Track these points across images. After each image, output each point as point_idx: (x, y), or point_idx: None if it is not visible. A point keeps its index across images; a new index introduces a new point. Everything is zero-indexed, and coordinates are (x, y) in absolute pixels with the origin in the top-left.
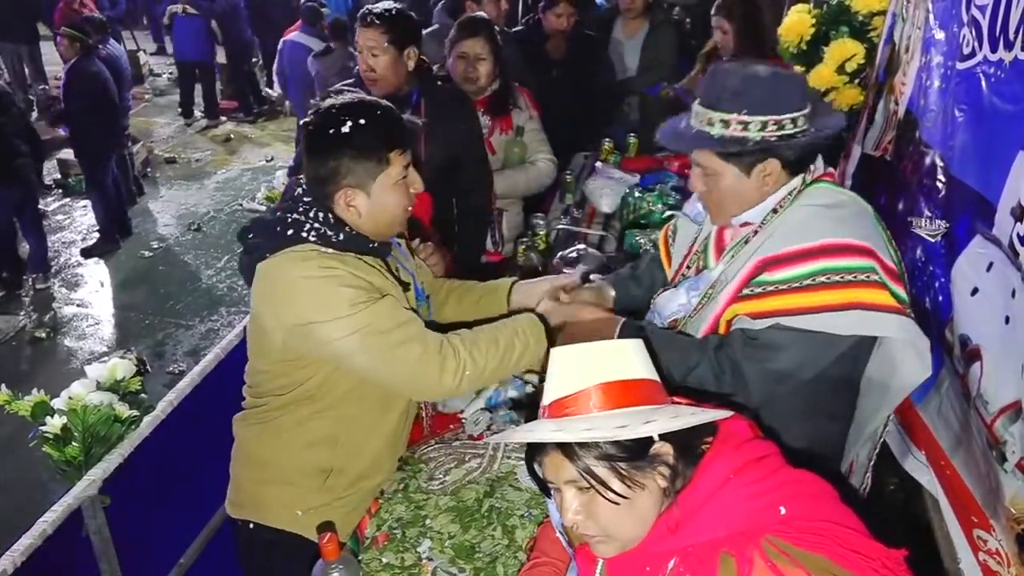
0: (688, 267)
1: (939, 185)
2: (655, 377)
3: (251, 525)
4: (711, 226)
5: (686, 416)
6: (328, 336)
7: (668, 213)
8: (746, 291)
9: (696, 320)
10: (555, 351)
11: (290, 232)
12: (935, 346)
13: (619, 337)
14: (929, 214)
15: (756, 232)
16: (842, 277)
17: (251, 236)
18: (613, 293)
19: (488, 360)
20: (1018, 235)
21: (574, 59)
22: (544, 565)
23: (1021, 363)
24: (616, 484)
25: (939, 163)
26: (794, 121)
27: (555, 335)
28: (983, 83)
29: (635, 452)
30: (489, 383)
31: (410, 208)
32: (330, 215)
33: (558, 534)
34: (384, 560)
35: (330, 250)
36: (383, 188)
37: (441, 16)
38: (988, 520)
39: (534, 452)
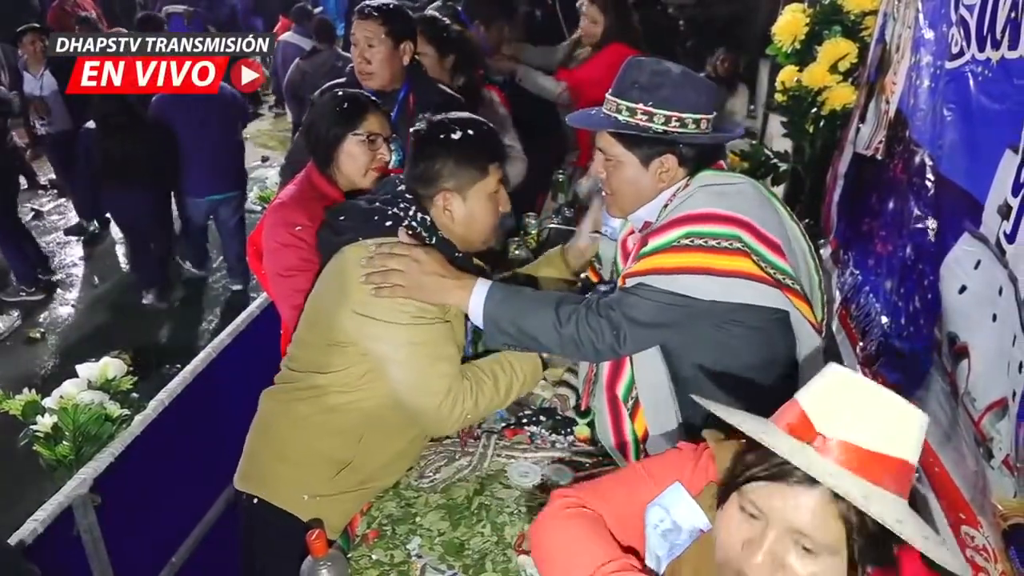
0: (605, 280)
1: (928, 184)
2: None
3: (255, 500)
4: (620, 236)
5: (934, 541)
6: (379, 335)
7: (591, 236)
8: (630, 265)
9: None
10: (843, 374)
11: (388, 224)
12: (923, 344)
13: (483, 298)
14: (919, 212)
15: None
16: (705, 241)
17: (342, 218)
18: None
19: (489, 404)
20: (1004, 233)
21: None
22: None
23: (1008, 360)
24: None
25: (928, 162)
26: (696, 122)
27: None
28: (971, 82)
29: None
30: None
31: (497, 223)
32: (427, 217)
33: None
34: (373, 557)
35: None
36: (478, 197)
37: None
38: (975, 516)
39: (777, 467)
